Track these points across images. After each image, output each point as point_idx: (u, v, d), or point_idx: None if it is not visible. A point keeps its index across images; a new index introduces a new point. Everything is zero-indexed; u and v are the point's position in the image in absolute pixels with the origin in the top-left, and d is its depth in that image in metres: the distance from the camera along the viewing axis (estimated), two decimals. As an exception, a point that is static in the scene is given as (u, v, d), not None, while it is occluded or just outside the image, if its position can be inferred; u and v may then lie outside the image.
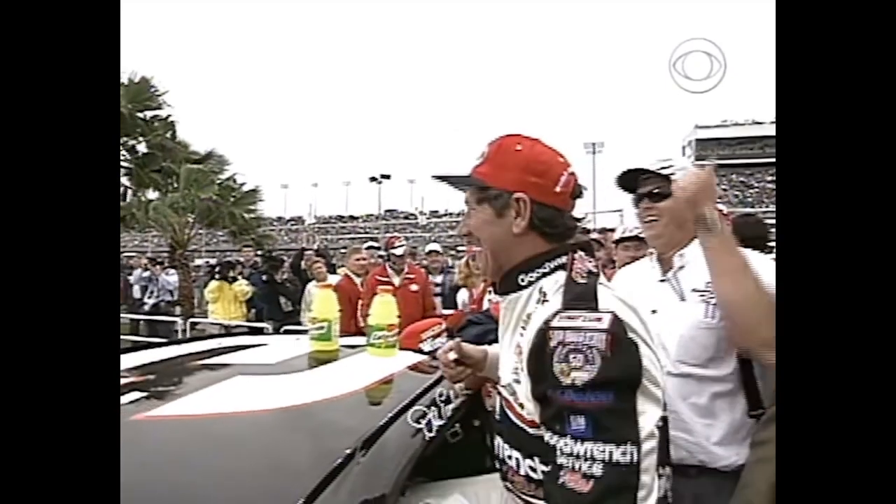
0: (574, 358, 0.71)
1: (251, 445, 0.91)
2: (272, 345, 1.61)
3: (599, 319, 0.74)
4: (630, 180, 1.40)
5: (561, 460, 0.71)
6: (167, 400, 1.04)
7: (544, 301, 0.85)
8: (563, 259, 0.89)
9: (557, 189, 0.90)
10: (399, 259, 4.24)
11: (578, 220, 0.95)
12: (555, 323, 0.76)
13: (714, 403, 1.23)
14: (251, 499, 0.73)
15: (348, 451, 0.80)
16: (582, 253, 0.90)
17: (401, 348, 1.51)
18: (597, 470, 0.68)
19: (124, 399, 1.03)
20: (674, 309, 1.29)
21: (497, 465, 0.94)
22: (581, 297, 0.79)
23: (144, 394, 1.06)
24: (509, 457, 0.88)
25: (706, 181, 1.17)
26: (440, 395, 1.12)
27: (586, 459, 0.68)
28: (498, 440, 0.92)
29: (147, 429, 0.92)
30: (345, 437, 0.89)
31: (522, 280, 0.90)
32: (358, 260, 4.57)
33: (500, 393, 0.92)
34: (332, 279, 4.77)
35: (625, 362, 0.72)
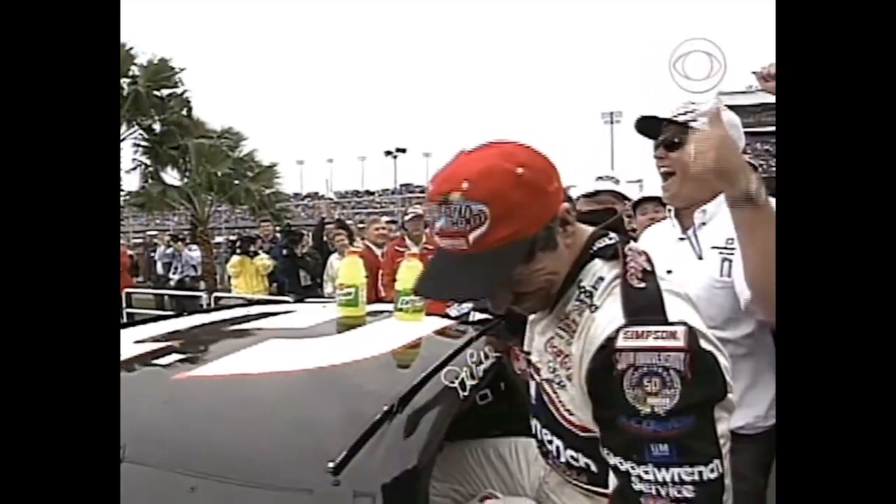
0: (649, 382, 0.63)
1: (289, 404, 0.92)
2: (301, 311, 1.63)
3: (673, 335, 0.64)
4: (653, 127, 1.29)
5: (640, 487, 0.65)
6: (205, 361, 1.06)
7: (591, 306, 0.74)
8: (597, 246, 0.78)
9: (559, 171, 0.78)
10: (414, 224, 4.24)
11: None
12: (620, 343, 0.66)
13: (733, 365, 1.19)
14: (293, 454, 0.75)
15: (386, 408, 0.81)
16: (631, 244, 0.78)
17: (427, 313, 1.51)
18: (687, 492, 0.63)
19: (164, 361, 1.06)
20: (690, 268, 1.22)
21: (536, 445, 0.91)
22: (646, 307, 0.68)
23: (183, 356, 1.09)
24: (549, 441, 0.84)
25: (720, 138, 0.96)
26: (472, 356, 1.12)
27: (674, 484, 0.63)
28: (535, 422, 0.89)
29: (187, 388, 0.94)
30: (380, 395, 0.90)
31: (564, 283, 0.79)
32: (377, 229, 4.60)
33: (534, 379, 0.88)
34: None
35: (708, 384, 0.65)
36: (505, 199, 0.70)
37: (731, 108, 1.35)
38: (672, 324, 0.66)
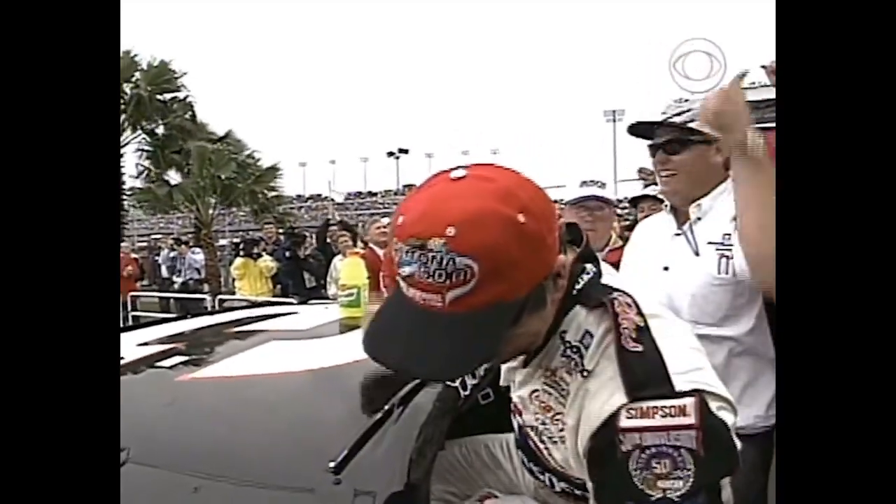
0: (659, 464, 0.57)
1: (290, 404, 0.93)
2: (303, 313, 1.64)
3: (683, 410, 0.57)
4: (645, 128, 1.30)
5: None
6: (207, 363, 1.08)
7: (583, 370, 0.66)
8: (578, 285, 0.69)
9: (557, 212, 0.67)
10: None
11: None
12: (623, 422, 0.58)
13: (731, 363, 1.18)
14: (295, 454, 0.76)
15: (387, 408, 0.82)
16: (615, 290, 0.68)
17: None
18: None
19: (167, 363, 1.07)
20: (687, 265, 1.22)
21: (527, 470, 0.89)
22: (647, 379, 0.60)
23: (186, 358, 1.10)
24: (541, 472, 0.82)
25: (733, 99, 1.02)
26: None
27: None
28: (521, 454, 0.85)
29: (191, 389, 0.95)
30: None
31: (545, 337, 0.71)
32: (378, 229, 4.60)
33: (515, 418, 0.85)
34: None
35: (722, 460, 0.59)
36: (499, 255, 0.56)
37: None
38: (680, 395, 0.58)
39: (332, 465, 0.67)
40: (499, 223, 0.56)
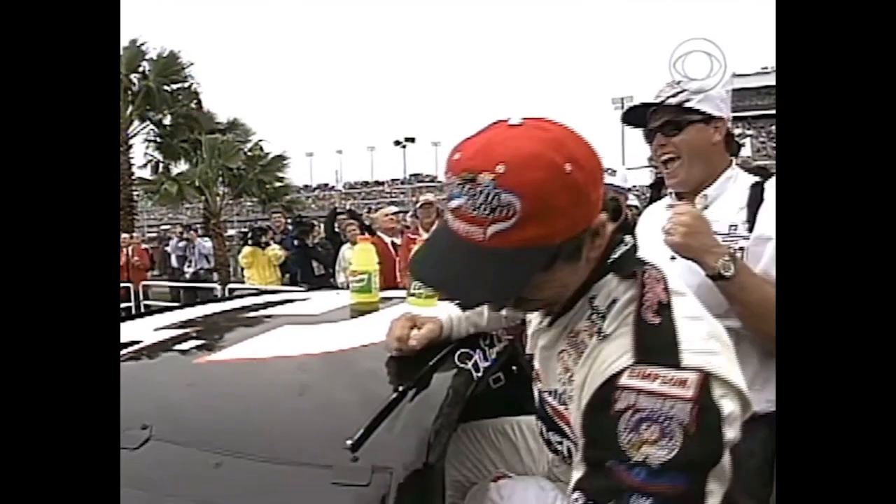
0: (647, 429, 0.57)
1: (305, 385, 0.95)
2: (315, 298, 1.66)
3: (683, 383, 0.58)
4: (639, 115, 1.26)
5: None
6: (222, 347, 1.09)
7: (601, 333, 0.68)
8: (614, 255, 0.72)
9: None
10: (426, 212, 4.26)
11: None
12: (624, 381, 0.60)
13: (737, 349, 1.19)
14: (312, 432, 0.77)
15: (401, 389, 0.83)
16: (651, 270, 0.70)
17: (440, 298, 1.53)
18: None
19: (184, 346, 1.09)
20: None
21: (543, 442, 0.90)
22: (658, 347, 0.61)
23: (202, 341, 1.12)
24: (559, 442, 0.82)
25: (692, 222, 1.09)
26: (484, 338, 1.14)
27: None
28: (540, 423, 0.86)
29: (210, 371, 0.97)
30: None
31: (573, 299, 0.74)
32: (386, 216, 4.61)
33: (535, 385, 0.87)
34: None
35: (709, 443, 0.58)
36: (543, 197, 0.59)
37: (744, 90, 1.35)
38: (685, 369, 0.59)
39: (349, 443, 0.69)
40: (546, 167, 0.60)
